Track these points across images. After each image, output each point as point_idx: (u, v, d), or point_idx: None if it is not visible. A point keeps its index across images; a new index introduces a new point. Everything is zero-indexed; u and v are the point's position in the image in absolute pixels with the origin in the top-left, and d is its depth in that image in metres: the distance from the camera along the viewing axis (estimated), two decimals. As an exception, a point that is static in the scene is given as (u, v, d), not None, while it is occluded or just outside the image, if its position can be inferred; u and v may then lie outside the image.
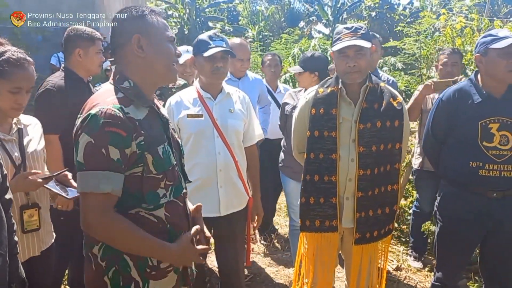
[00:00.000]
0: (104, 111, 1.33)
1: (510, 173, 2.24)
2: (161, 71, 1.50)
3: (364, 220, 2.18)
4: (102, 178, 1.32)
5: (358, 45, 2.06)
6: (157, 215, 1.46)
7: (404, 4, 22.27)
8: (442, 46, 4.39)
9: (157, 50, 1.47)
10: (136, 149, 1.38)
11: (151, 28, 1.47)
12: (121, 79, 1.47)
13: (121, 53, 1.49)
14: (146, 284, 1.46)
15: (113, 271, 1.43)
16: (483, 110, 2.27)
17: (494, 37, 2.24)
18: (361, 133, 2.12)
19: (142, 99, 1.47)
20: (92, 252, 1.46)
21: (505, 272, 2.42)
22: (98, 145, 1.32)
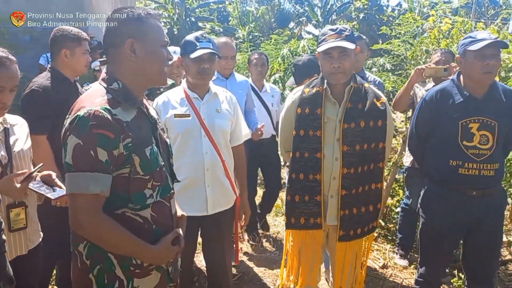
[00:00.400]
0: (92, 113, 1.35)
1: (489, 172, 2.30)
2: (152, 75, 1.52)
3: (348, 218, 2.23)
4: (91, 179, 1.34)
5: (342, 46, 2.10)
6: (143, 215, 1.48)
7: (393, 5, 22.48)
8: (428, 48, 4.46)
9: (150, 55, 1.48)
10: (124, 151, 1.40)
11: (146, 32, 1.47)
12: (111, 80, 1.48)
13: (113, 53, 1.50)
14: (130, 282, 1.49)
15: (98, 269, 1.46)
16: (463, 110, 2.32)
17: (473, 39, 2.29)
18: (345, 132, 2.16)
19: (131, 100, 1.48)
20: (77, 249, 1.48)
21: (485, 270, 2.49)
22: (86, 147, 1.34)
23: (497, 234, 2.46)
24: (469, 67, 2.32)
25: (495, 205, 2.40)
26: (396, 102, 3.40)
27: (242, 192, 2.58)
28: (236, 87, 3.44)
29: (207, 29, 15.17)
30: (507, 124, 2.33)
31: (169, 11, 17.56)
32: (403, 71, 5.03)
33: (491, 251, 2.46)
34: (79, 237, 1.46)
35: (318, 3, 22.26)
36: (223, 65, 3.44)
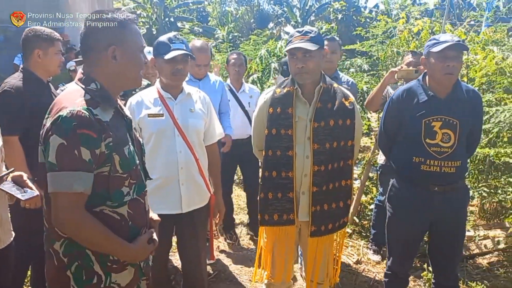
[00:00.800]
0: (75, 113, 1.38)
1: (450, 169, 2.39)
2: (130, 79, 1.58)
3: (319, 214, 2.29)
4: (75, 178, 1.37)
5: (304, 47, 2.16)
6: (120, 212, 1.52)
7: (370, 7, 22.81)
8: (398, 49, 4.58)
9: (129, 60, 1.53)
10: (105, 150, 1.43)
11: (127, 39, 1.52)
12: (88, 80, 1.51)
13: (92, 56, 1.52)
14: (108, 277, 1.52)
15: (75, 266, 1.48)
16: (427, 109, 2.42)
17: (436, 41, 2.39)
18: (316, 131, 2.23)
19: (109, 101, 1.51)
20: (53, 248, 1.50)
21: (449, 263, 2.59)
22: (70, 146, 1.36)
23: (459, 228, 2.56)
24: (431, 68, 2.41)
25: (457, 201, 2.49)
26: (369, 102, 3.50)
27: (217, 190, 2.63)
28: (209, 89, 3.45)
29: (186, 29, 15.11)
30: (469, 123, 2.43)
31: (147, 11, 17.45)
32: (375, 71, 5.15)
33: (454, 244, 2.56)
34: (55, 235, 1.49)
35: (297, 4, 22.42)
36: (196, 70, 3.46)
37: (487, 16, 6.49)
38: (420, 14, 5.99)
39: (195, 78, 3.51)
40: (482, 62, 3.63)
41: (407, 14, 5.06)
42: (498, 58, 3.39)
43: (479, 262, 3.83)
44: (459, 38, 2.40)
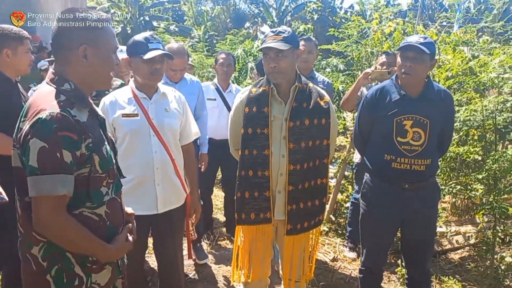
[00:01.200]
0: (55, 115, 1.36)
1: (420, 167, 2.46)
2: (101, 79, 1.57)
3: (295, 212, 2.31)
4: (58, 181, 1.35)
5: (275, 47, 2.17)
6: (99, 213, 1.52)
7: (346, 7, 23.09)
8: (372, 49, 4.66)
9: (101, 61, 1.52)
10: (85, 151, 1.43)
11: (99, 39, 1.51)
12: (61, 80, 1.49)
13: (64, 56, 1.51)
14: (89, 278, 1.52)
15: (56, 269, 1.47)
16: (399, 108, 2.47)
17: (404, 41, 2.47)
18: (291, 130, 2.25)
19: (83, 101, 1.50)
20: (30, 253, 1.48)
21: (420, 258, 2.66)
22: (52, 149, 1.35)
23: (430, 225, 2.63)
24: (397, 67, 2.51)
25: (428, 198, 2.56)
26: (344, 102, 3.55)
27: (193, 190, 2.62)
28: (186, 92, 3.33)
29: (161, 28, 14.96)
30: (440, 123, 2.49)
31: (122, 10, 17.21)
32: (350, 71, 5.23)
33: (425, 240, 2.62)
34: (33, 240, 1.46)
35: (273, 4, 22.51)
36: (171, 75, 3.41)
37: (458, 17, 6.66)
38: (394, 15, 6.10)
39: (171, 81, 3.46)
40: (452, 62, 3.72)
41: (380, 15, 5.15)
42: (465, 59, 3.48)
43: (451, 257, 3.95)
44: (427, 39, 2.44)
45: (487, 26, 6.95)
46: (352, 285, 3.44)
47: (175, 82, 3.47)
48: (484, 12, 10.57)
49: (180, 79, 3.50)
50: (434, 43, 2.50)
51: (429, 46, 2.40)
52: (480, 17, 9.90)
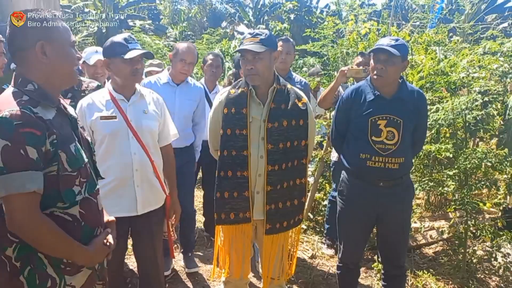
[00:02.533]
0: (15, 113, 1.36)
1: (393, 165, 2.53)
2: (64, 75, 1.56)
3: (274, 212, 2.35)
4: (26, 178, 1.35)
5: (251, 50, 2.21)
6: (72, 213, 1.51)
7: (321, 7, 23.30)
8: (348, 49, 4.75)
9: (60, 55, 1.51)
10: (50, 147, 1.42)
11: (54, 34, 1.50)
12: (24, 82, 1.48)
13: (22, 56, 1.50)
14: (62, 279, 1.51)
15: (28, 270, 1.46)
16: (373, 108, 2.55)
17: (376, 45, 2.54)
18: (269, 131, 2.28)
19: (49, 100, 1.50)
20: (5, 254, 1.47)
21: (396, 253, 2.74)
22: (15, 147, 1.34)
23: (404, 221, 2.71)
24: (370, 69, 2.59)
25: (402, 195, 2.64)
26: (321, 100, 3.61)
27: (172, 191, 2.63)
28: (186, 96, 3.39)
29: (137, 27, 14.80)
30: (413, 122, 2.57)
31: (98, 9, 16.93)
32: (326, 71, 5.31)
33: (399, 236, 2.70)
34: (7, 242, 1.45)
35: (249, 3, 22.53)
36: (179, 68, 3.32)
37: (431, 17, 6.82)
38: (369, 15, 6.21)
39: (173, 82, 3.39)
40: (424, 62, 3.83)
41: (355, 15, 5.24)
42: (435, 60, 3.59)
43: (426, 252, 4.06)
44: (398, 41, 2.51)
45: (458, 26, 7.15)
46: (331, 281, 3.51)
47: (177, 83, 3.40)
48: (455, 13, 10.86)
49: (185, 77, 3.41)
50: (406, 45, 2.57)
51: (401, 48, 2.47)
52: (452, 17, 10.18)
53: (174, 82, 3.39)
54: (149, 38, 12.09)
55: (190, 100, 3.41)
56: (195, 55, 3.38)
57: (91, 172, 1.64)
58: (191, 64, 3.35)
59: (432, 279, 3.50)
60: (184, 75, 3.36)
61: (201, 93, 3.53)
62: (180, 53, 3.28)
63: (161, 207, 2.57)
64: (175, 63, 3.34)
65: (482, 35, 7.44)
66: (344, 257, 2.81)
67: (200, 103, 3.52)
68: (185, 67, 3.30)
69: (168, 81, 3.38)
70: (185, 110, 3.39)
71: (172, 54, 3.40)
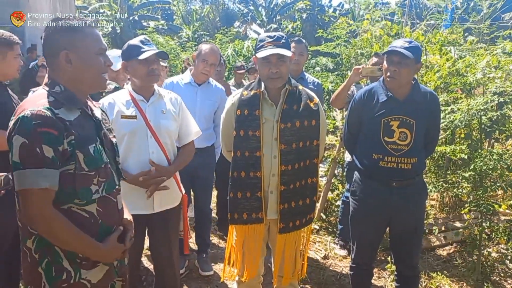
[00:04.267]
0: (35, 113, 1.44)
1: (406, 165, 2.53)
2: (89, 81, 1.62)
3: (287, 211, 2.37)
4: (39, 175, 1.42)
5: (281, 53, 2.24)
6: (89, 210, 1.57)
7: (335, 6, 23.19)
8: (362, 50, 4.73)
9: (85, 63, 1.58)
10: (67, 147, 1.48)
11: (80, 43, 1.57)
12: (53, 84, 1.58)
13: (51, 61, 1.59)
14: (77, 273, 1.57)
15: (46, 262, 1.53)
16: (386, 109, 2.55)
17: (390, 46, 2.54)
18: (282, 132, 2.31)
19: (74, 102, 1.57)
20: (26, 246, 1.55)
21: (409, 254, 2.73)
22: (32, 145, 1.42)
23: (417, 222, 2.70)
24: (384, 70, 2.59)
25: (415, 196, 2.63)
26: (334, 99, 3.60)
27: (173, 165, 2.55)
28: (206, 96, 3.43)
29: (150, 28, 14.91)
30: (425, 124, 2.57)
31: (114, 9, 17.11)
32: (340, 71, 5.30)
33: (412, 237, 2.69)
34: (27, 233, 1.53)
35: (262, 2, 22.54)
36: (200, 69, 3.36)
37: (444, 18, 6.76)
38: (383, 15, 6.17)
39: (195, 82, 3.43)
40: (441, 62, 3.79)
41: (371, 16, 5.21)
42: (450, 62, 3.56)
43: (439, 253, 4.04)
44: (412, 43, 2.50)
45: (474, 26, 7.07)
46: (343, 282, 3.51)
47: (198, 84, 3.43)
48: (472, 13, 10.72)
49: (207, 78, 3.43)
50: (419, 47, 2.57)
51: (414, 50, 2.47)
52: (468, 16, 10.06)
53: (196, 83, 3.44)
54: (163, 38, 12.18)
55: (210, 101, 3.45)
56: (217, 57, 3.43)
57: (112, 173, 1.69)
58: (213, 65, 3.40)
59: (446, 280, 3.48)
60: (205, 76, 3.41)
61: (222, 94, 3.57)
62: (203, 54, 3.34)
63: (177, 206, 2.61)
64: (197, 64, 3.39)
65: (498, 34, 7.33)
66: (357, 257, 2.81)
67: (221, 104, 3.51)
68: (206, 67, 3.35)
69: (190, 81, 3.43)
70: (206, 111, 3.43)
71: (195, 54, 3.46)
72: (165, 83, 3.48)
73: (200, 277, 3.52)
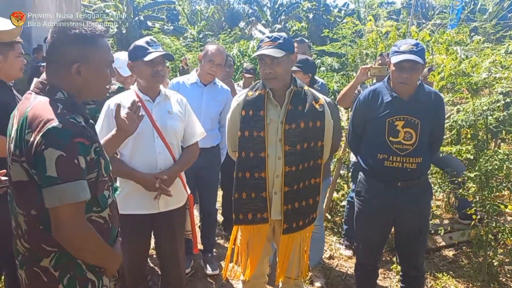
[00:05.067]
0: (67, 123, 1.37)
1: (411, 165, 2.53)
2: (94, 91, 1.59)
3: (291, 212, 2.37)
4: (79, 188, 1.37)
5: (271, 54, 2.22)
6: (103, 216, 1.57)
7: (340, 6, 23.13)
8: (367, 50, 4.72)
9: (94, 75, 1.53)
10: (94, 155, 1.46)
11: (93, 55, 1.50)
12: (53, 90, 1.49)
13: (56, 69, 1.50)
14: (100, 281, 1.57)
15: (68, 278, 1.49)
16: (390, 109, 2.55)
17: (397, 49, 2.52)
18: (287, 133, 2.30)
19: (78, 108, 1.52)
20: (39, 266, 1.49)
21: (414, 255, 2.73)
22: (70, 157, 1.36)
23: (422, 222, 2.69)
24: (391, 74, 2.57)
25: (420, 196, 2.63)
26: (341, 99, 3.59)
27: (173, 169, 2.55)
28: (212, 96, 3.42)
29: (156, 28, 14.95)
30: (430, 123, 2.56)
31: (120, 10, 17.15)
32: (345, 71, 5.29)
33: (417, 237, 2.69)
34: (42, 252, 1.48)
35: (267, 3, 22.52)
36: (207, 69, 3.37)
37: (450, 17, 6.73)
38: (388, 14, 6.15)
39: (201, 82, 3.43)
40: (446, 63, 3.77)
41: (374, 15, 5.20)
42: (455, 62, 3.54)
43: (445, 254, 4.02)
44: (418, 46, 2.49)
45: (480, 26, 7.03)
46: (349, 283, 3.50)
47: (204, 84, 3.44)
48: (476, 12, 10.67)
49: (212, 78, 3.44)
50: (424, 48, 2.56)
51: (422, 53, 2.47)
52: (473, 16, 10.01)
53: (202, 83, 3.44)
54: (168, 39, 12.22)
55: (216, 101, 3.45)
56: (223, 57, 3.43)
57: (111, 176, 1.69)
58: (219, 66, 3.41)
59: (451, 281, 3.47)
60: (211, 76, 3.41)
61: (228, 95, 3.57)
62: (209, 54, 3.34)
63: (182, 206, 2.62)
64: (203, 64, 3.40)
65: (505, 34, 7.28)
66: (362, 258, 2.81)
67: (227, 104, 3.52)
68: (212, 68, 3.35)
69: (196, 81, 3.44)
70: (212, 111, 3.43)
71: (201, 54, 3.47)
72: (171, 83, 3.49)
73: (206, 276, 3.53)
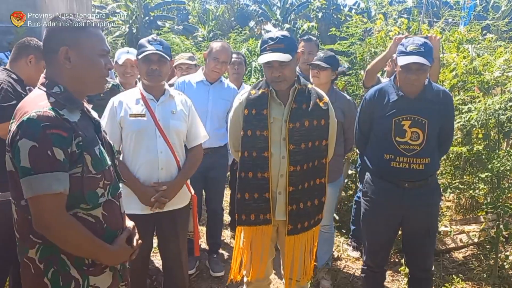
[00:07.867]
0: (41, 114, 1.37)
1: (418, 166, 2.47)
2: (88, 83, 1.56)
3: (296, 212, 2.33)
4: (52, 179, 1.36)
5: (280, 60, 2.16)
6: (95, 214, 1.52)
7: (350, 5, 22.97)
8: (376, 48, 4.65)
9: (85, 63, 1.51)
10: (76, 149, 1.43)
11: (82, 41, 1.50)
12: (51, 84, 1.50)
13: (50, 59, 1.52)
14: (86, 280, 1.52)
15: (52, 272, 1.47)
16: (397, 108, 2.49)
17: (403, 49, 2.44)
18: (291, 132, 2.25)
19: (74, 102, 1.51)
20: (27, 257, 1.48)
21: (422, 256, 2.67)
22: (42, 148, 1.35)
23: (430, 223, 2.63)
24: (398, 73, 2.51)
25: (428, 197, 2.56)
26: (368, 71, 3.47)
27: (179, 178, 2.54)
28: (219, 95, 3.40)
29: (166, 28, 14.98)
30: (438, 123, 2.50)
31: (131, 10, 17.21)
32: (353, 70, 5.22)
33: (425, 239, 2.63)
34: (29, 243, 1.47)
35: (277, 2, 22.46)
36: (212, 67, 3.34)
37: (462, 15, 6.62)
38: (399, 12, 6.07)
39: (208, 80, 3.41)
40: (457, 60, 3.71)
41: (384, 14, 5.13)
42: (467, 60, 3.47)
43: (455, 256, 3.94)
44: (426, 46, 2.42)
45: (493, 24, 6.91)
46: (356, 284, 3.45)
47: (210, 82, 3.41)
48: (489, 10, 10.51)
49: (218, 76, 3.41)
50: (431, 46, 2.48)
51: (429, 54, 2.40)
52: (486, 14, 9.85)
53: (208, 81, 3.41)
54: (178, 38, 12.23)
55: (223, 100, 3.42)
56: (228, 55, 3.40)
57: (115, 175, 1.65)
58: (224, 63, 3.38)
59: (461, 284, 3.40)
60: (216, 74, 3.38)
61: (235, 93, 3.51)
62: (214, 51, 3.31)
63: (185, 206, 2.59)
64: (208, 62, 3.37)
65: (518, 32, 7.15)
66: (369, 259, 2.76)
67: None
68: (217, 65, 3.32)
69: (202, 80, 3.41)
70: (218, 110, 3.40)
71: (206, 52, 3.44)
72: (177, 82, 3.47)
73: (211, 277, 3.50)
